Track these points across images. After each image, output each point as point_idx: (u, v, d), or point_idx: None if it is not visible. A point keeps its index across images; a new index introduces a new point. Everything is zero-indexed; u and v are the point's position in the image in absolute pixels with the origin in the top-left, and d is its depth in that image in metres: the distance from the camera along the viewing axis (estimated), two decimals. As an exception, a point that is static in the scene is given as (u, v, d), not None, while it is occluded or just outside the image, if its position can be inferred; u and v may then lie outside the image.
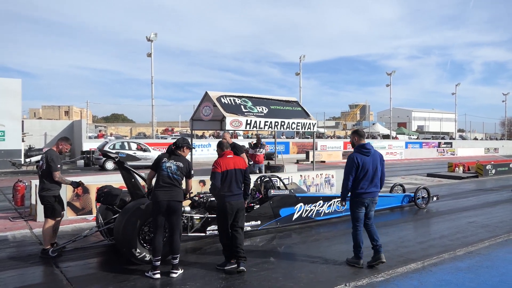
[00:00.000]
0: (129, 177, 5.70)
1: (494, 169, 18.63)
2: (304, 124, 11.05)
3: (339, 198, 8.27)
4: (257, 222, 7.05)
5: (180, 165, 5.10)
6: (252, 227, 6.99)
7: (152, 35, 29.48)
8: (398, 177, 17.89)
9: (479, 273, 5.21)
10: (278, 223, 7.35)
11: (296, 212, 7.62)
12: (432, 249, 6.26)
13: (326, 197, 8.26)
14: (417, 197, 9.98)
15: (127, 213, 5.30)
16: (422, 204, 10.00)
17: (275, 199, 7.30)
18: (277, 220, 7.32)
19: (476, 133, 67.25)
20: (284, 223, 7.45)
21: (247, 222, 6.82)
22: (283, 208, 7.40)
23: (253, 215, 6.98)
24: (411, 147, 41.04)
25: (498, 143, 49.75)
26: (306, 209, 7.79)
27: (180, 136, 39.41)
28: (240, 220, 5.38)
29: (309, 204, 7.83)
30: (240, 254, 5.18)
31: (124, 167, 5.69)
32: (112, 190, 5.91)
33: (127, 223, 5.20)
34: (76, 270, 5.22)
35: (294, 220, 7.61)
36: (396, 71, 46.14)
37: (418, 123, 77.98)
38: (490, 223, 8.24)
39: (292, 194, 7.62)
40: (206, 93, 10.32)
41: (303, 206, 7.72)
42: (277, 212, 7.31)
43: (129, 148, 20.81)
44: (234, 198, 5.27)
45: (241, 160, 5.52)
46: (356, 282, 4.84)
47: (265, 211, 7.16)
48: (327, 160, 28.90)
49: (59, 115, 71.51)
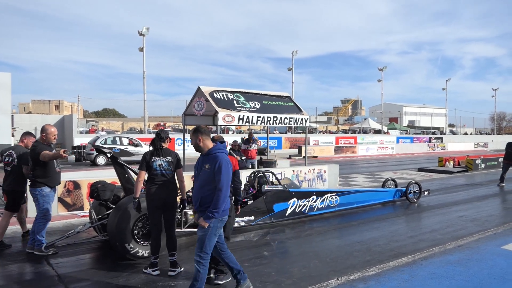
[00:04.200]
0: (123, 172, 5.68)
1: (483, 163, 18.88)
2: (297, 119, 11.07)
3: (332, 193, 8.43)
4: (250, 218, 7.06)
5: (169, 159, 4.97)
6: (246, 222, 7.01)
7: (144, 30, 29.23)
8: (389, 172, 18.04)
9: (469, 266, 5.28)
10: (271, 218, 7.37)
11: (289, 207, 7.65)
12: (422, 243, 6.34)
13: (319, 192, 8.31)
14: (408, 191, 10.07)
15: (121, 209, 5.26)
16: (414, 199, 10.08)
17: (269, 194, 7.31)
18: (271, 215, 7.35)
19: (466, 128, 68.03)
20: (277, 219, 7.47)
21: (241, 217, 6.84)
22: (277, 203, 7.42)
23: (247, 210, 6.97)
24: (402, 142, 41.36)
25: (487, 138, 50.37)
26: (300, 204, 7.81)
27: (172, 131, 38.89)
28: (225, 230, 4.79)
29: (303, 199, 7.86)
30: (216, 263, 4.64)
31: (117, 162, 5.66)
32: (106, 186, 5.89)
33: (121, 219, 5.16)
34: (68, 266, 5.19)
35: (288, 215, 7.64)
36: (387, 67, 46.55)
37: (409, 118, 78.64)
38: (479, 217, 8.36)
39: (285, 189, 7.63)
40: (199, 88, 10.28)
41: (296, 201, 7.74)
42: (271, 207, 7.33)
43: (120, 143, 20.68)
44: None
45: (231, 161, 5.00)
46: (348, 276, 4.88)
47: (259, 206, 7.17)
48: (319, 155, 29.01)
49: (50, 110, 70.70)
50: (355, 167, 21.37)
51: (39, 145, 5.61)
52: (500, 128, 70.37)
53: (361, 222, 7.87)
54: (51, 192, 5.73)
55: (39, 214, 5.66)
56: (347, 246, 6.28)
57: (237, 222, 6.80)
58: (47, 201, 5.67)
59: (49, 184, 5.67)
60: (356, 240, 6.59)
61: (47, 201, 5.68)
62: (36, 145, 5.65)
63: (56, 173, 5.79)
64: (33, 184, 5.65)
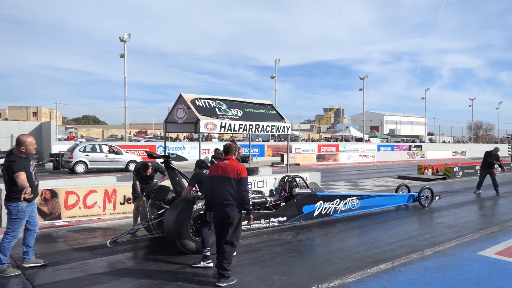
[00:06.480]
0: (174, 176, 6.54)
1: (461, 171, 19.33)
2: (278, 127, 11.13)
3: (353, 197, 9.05)
4: (283, 218, 7.61)
5: None
6: (279, 222, 7.60)
7: (125, 36, 28.97)
8: (370, 179, 18.26)
9: (446, 272, 5.38)
10: (301, 220, 7.95)
11: (316, 209, 8.17)
12: (401, 250, 6.42)
13: (342, 195, 8.82)
14: (421, 196, 10.47)
15: (177, 208, 5.92)
16: (426, 203, 10.48)
17: (299, 197, 7.86)
18: (301, 216, 7.89)
19: (444, 136, 69.63)
20: (306, 220, 8.06)
21: (275, 218, 7.49)
22: (306, 206, 7.97)
23: (280, 211, 7.56)
24: (383, 150, 42.02)
25: (465, 146, 51.61)
26: (325, 206, 8.36)
27: (153, 138, 38.41)
28: (228, 234, 4.91)
29: (328, 202, 8.41)
30: (222, 267, 4.82)
31: (170, 166, 6.59)
32: (161, 188, 6.72)
33: (178, 217, 5.81)
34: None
35: (315, 216, 8.16)
36: (368, 76, 47.33)
37: (390, 126, 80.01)
38: (456, 223, 8.53)
39: (313, 192, 8.17)
40: (180, 96, 10.24)
41: (322, 203, 8.28)
42: (301, 209, 7.87)
43: (100, 150, 20.33)
44: (218, 207, 4.94)
45: (234, 168, 4.97)
46: (328, 283, 4.89)
47: (290, 208, 7.72)
48: (301, 162, 29.17)
49: (27, 116, 68.98)
50: (337, 175, 21.55)
51: (17, 161, 5.12)
52: (477, 136, 72.26)
53: (341, 230, 7.93)
54: (28, 207, 5.29)
55: (8, 230, 5.20)
56: (328, 253, 6.31)
57: (271, 222, 7.45)
58: (21, 217, 5.21)
59: (28, 200, 5.18)
60: (337, 247, 6.63)
61: (21, 217, 5.22)
62: (14, 160, 5.14)
63: (34, 187, 5.34)
64: (8, 198, 5.20)
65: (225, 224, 4.93)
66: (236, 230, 4.97)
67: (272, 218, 7.44)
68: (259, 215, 7.25)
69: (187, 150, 28.22)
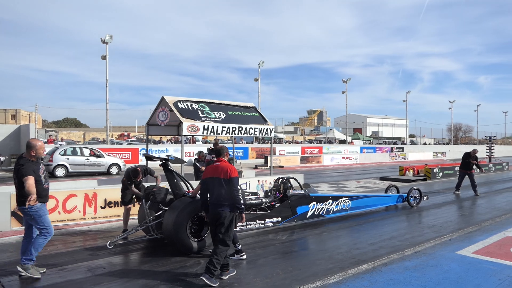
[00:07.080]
0: (172, 178, 6.56)
1: (441, 172, 19.74)
2: (262, 129, 11.15)
3: (345, 198, 9.20)
4: (278, 219, 7.79)
5: None
6: (274, 223, 7.75)
7: (107, 37, 28.58)
8: (353, 181, 18.47)
9: (425, 271, 5.47)
10: (295, 220, 8.13)
11: (310, 210, 8.37)
12: (382, 250, 6.51)
13: (334, 196, 9.01)
14: (410, 197, 10.65)
15: (176, 210, 6.00)
16: (414, 203, 10.66)
17: (293, 198, 8.04)
18: (295, 217, 8.08)
19: (425, 138, 70.89)
20: (300, 220, 8.24)
21: (270, 219, 7.64)
22: (300, 207, 8.16)
23: (274, 212, 7.72)
24: (365, 151, 42.52)
25: (445, 148, 52.71)
26: (318, 207, 8.54)
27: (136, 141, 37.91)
28: (220, 234, 5.06)
29: (321, 202, 8.59)
30: (211, 262, 4.88)
31: (168, 169, 6.62)
32: (160, 189, 6.66)
33: (177, 218, 5.88)
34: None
35: (309, 217, 8.34)
36: (351, 79, 47.97)
37: (373, 128, 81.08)
38: (436, 224, 8.70)
39: (307, 193, 8.35)
40: (163, 98, 10.16)
41: (316, 204, 8.47)
42: (295, 210, 8.06)
43: (81, 153, 19.98)
44: (212, 208, 5.17)
45: (224, 168, 5.15)
46: (310, 285, 4.92)
47: (285, 209, 7.89)
48: (285, 164, 29.29)
49: (5, 119, 67.17)
50: (320, 176, 21.71)
51: (26, 165, 5.06)
52: (457, 138, 73.88)
53: (324, 231, 7.98)
54: (43, 205, 5.19)
55: (40, 229, 5.15)
56: (311, 254, 6.35)
57: (266, 223, 7.62)
58: (42, 214, 5.13)
59: (40, 201, 5.11)
60: (320, 249, 6.68)
61: (43, 214, 5.14)
62: (23, 163, 5.08)
63: (44, 190, 5.25)
64: (22, 203, 5.06)
65: (218, 224, 5.10)
66: (228, 230, 5.10)
67: (267, 219, 7.62)
68: (255, 216, 7.40)
69: (170, 152, 27.94)
